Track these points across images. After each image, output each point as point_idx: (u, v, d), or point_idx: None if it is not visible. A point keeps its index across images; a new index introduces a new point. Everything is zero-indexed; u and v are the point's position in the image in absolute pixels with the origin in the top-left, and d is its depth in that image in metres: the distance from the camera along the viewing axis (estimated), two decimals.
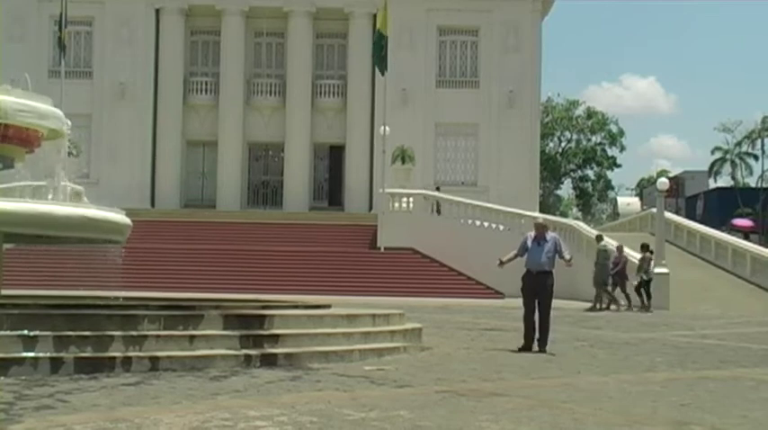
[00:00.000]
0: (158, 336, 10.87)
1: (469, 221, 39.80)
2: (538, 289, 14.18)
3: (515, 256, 14.54)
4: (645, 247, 30.29)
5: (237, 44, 50.37)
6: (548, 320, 14.15)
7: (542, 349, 13.85)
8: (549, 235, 14.67)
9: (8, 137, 13.57)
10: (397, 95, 47.47)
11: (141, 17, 49.85)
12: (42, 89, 15.10)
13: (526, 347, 13.95)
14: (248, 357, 11.14)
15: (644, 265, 29.64)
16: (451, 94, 50.07)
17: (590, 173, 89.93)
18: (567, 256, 14.67)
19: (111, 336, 10.55)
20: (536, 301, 14.12)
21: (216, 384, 9.62)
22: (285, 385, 9.66)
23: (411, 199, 41.39)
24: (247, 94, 50.70)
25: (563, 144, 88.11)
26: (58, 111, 14.40)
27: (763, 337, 18.69)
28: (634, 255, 30.51)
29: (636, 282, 29.48)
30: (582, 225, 40.83)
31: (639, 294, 29.37)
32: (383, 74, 40.84)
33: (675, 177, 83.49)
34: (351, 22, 50.53)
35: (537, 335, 14.06)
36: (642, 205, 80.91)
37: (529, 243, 14.39)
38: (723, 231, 47.56)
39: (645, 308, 28.80)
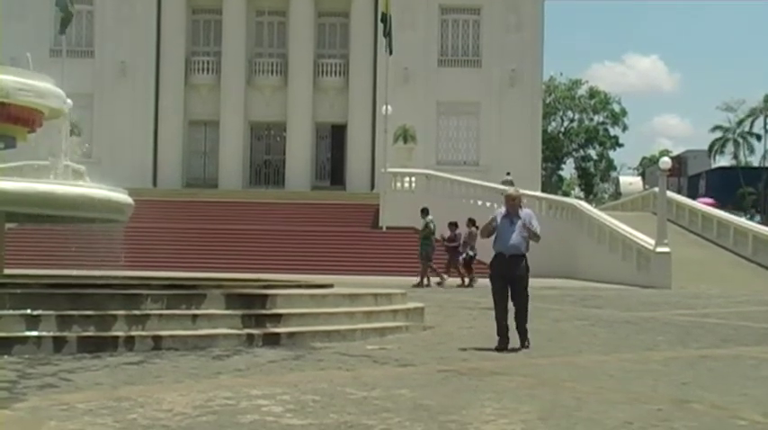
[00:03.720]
0: (161, 316, 10.91)
1: (471, 201, 39.76)
2: (511, 276, 11.63)
3: (489, 227, 11.87)
4: (471, 222, 29.16)
5: (239, 23, 50.24)
6: (525, 312, 11.72)
7: (523, 344, 11.61)
8: (524, 211, 11.98)
9: (9, 116, 13.57)
10: (398, 74, 47.38)
11: None
12: (43, 68, 15.06)
13: (503, 345, 11.44)
14: (251, 336, 11.18)
15: (470, 241, 28.74)
16: (453, 73, 49.98)
17: (592, 152, 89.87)
18: (537, 230, 11.71)
19: (114, 316, 10.59)
20: (509, 291, 11.66)
21: (218, 363, 9.65)
22: (288, 364, 9.70)
23: (413, 178, 41.38)
24: (249, 74, 50.59)
25: (565, 124, 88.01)
26: (60, 91, 14.39)
27: (764, 316, 18.71)
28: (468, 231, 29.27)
29: (462, 258, 28.80)
30: (584, 204, 40.79)
31: (469, 270, 28.67)
32: (389, 53, 40.82)
33: (678, 157, 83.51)
34: (353, 0, 50.35)
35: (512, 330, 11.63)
36: (644, 184, 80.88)
37: (499, 220, 11.83)
38: None
39: (467, 284, 28.12)
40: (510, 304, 11.69)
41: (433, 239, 28.51)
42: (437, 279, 28.44)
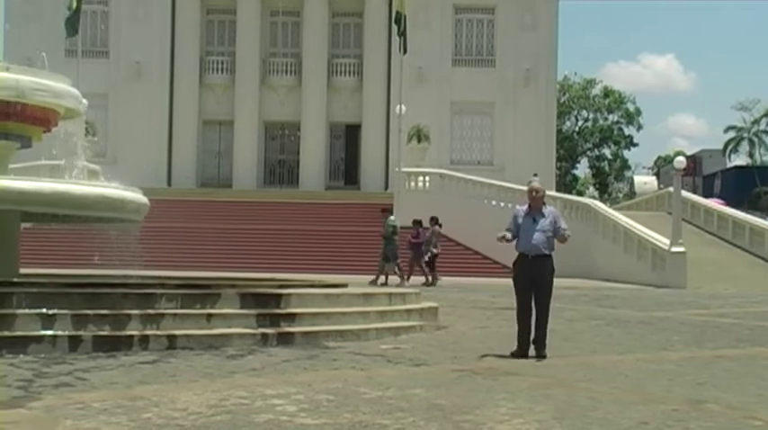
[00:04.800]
0: (175, 315, 10.93)
1: (485, 200, 39.75)
2: (536, 278, 10.82)
3: (511, 237, 11.03)
4: (434, 221, 29.17)
5: (253, 23, 50.32)
6: (546, 317, 10.87)
7: (540, 353, 10.74)
8: (548, 208, 11.16)
9: (25, 116, 13.63)
10: (413, 74, 47.39)
11: None
12: (59, 68, 15.13)
13: (521, 353, 10.77)
14: (265, 336, 11.20)
15: (432, 239, 28.67)
16: (467, 72, 49.94)
17: (607, 152, 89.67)
18: (567, 232, 11.00)
19: (129, 315, 10.63)
20: (533, 294, 10.85)
21: (233, 362, 9.67)
22: (302, 364, 9.71)
23: (427, 178, 41.37)
24: (263, 74, 50.67)
25: (580, 123, 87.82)
26: (75, 91, 14.45)
27: None
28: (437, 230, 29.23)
29: (426, 257, 28.52)
30: (599, 204, 40.73)
31: (432, 269, 28.46)
32: (403, 52, 40.84)
33: (693, 156, 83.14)
34: (366, 0, 50.35)
35: (533, 335, 10.87)
36: (659, 184, 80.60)
37: (520, 219, 10.99)
38: None
39: (430, 283, 27.88)
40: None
41: (395, 240, 28.07)
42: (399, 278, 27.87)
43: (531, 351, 10.80)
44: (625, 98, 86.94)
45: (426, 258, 28.69)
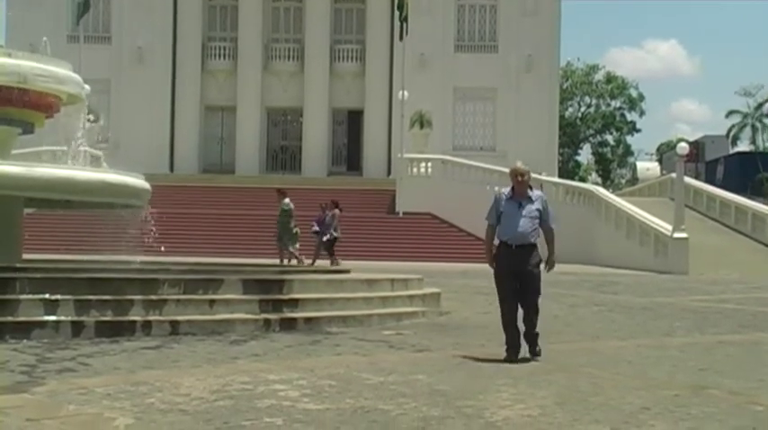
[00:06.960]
0: (178, 301, 10.95)
1: (487, 186, 39.68)
2: (521, 270, 9.36)
3: (493, 233, 9.58)
4: (334, 204, 28.92)
5: (256, 9, 50.21)
6: (536, 314, 9.52)
7: (534, 355, 9.40)
8: (535, 193, 9.69)
9: (27, 102, 13.63)
10: (415, 60, 47.29)
11: None
12: (61, 54, 15.10)
13: (512, 357, 9.31)
14: (268, 321, 11.21)
15: (333, 223, 28.27)
16: (470, 58, 49.79)
17: (609, 138, 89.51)
18: (555, 226, 9.62)
19: (132, 300, 10.64)
20: (517, 289, 9.45)
21: (236, 348, 9.69)
22: (304, 349, 9.73)
23: (429, 164, 41.35)
24: (266, 59, 50.59)
25: (582, 109, 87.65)
26: (77, 77, 14.45)
27: None
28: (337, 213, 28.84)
29: (324, 238, 27.98)
30: (601, 190, 40.72)
31: (331, 253, 27.89)
32: (402, 37, 40.74)
33: (696, 142, 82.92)
34: None
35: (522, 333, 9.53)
36: (662, 170, 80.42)
37: (503, 205, 9.51)
38: None
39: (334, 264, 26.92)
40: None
41: (289, 222, 27.28)
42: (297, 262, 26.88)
43: (525, 352, 9.45)
44: (628, 84, 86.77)
45: (324, 239, 28.18)
